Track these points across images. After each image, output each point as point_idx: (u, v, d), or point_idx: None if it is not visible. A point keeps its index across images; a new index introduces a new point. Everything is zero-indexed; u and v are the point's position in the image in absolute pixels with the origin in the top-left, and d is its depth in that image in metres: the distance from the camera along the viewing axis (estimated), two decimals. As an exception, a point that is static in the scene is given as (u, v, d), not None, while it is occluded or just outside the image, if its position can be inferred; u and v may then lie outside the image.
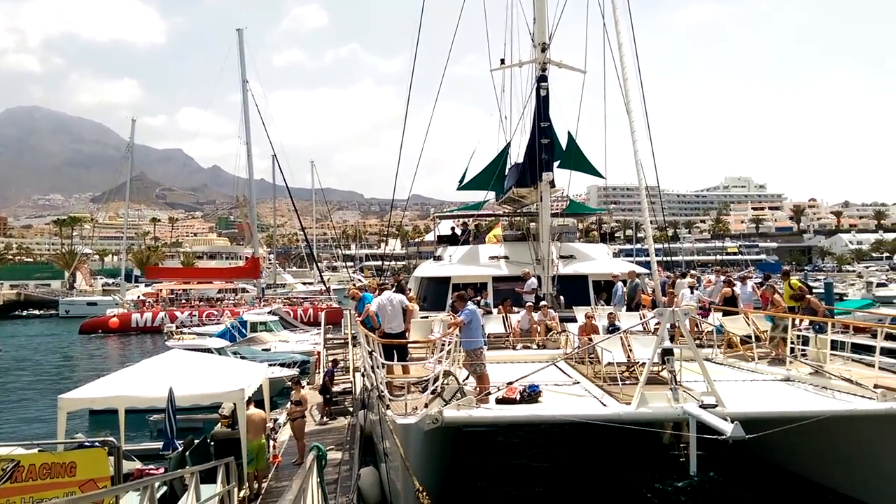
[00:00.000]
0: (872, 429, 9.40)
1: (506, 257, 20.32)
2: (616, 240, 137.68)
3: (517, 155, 22.16)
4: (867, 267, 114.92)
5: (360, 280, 53.59)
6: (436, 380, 9.02)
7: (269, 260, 73.25)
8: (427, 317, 16.19)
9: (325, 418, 16.42)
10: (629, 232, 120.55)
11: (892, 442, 9.30)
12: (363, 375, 14.13)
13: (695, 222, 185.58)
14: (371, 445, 13.45)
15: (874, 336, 11.16)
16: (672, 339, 10.86)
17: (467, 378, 10.36)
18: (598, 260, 20.84)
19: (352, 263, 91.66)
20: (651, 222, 22.75)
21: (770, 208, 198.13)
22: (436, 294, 19.16)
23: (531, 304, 16.68)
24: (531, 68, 20.85)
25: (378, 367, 9.38)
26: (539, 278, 18.78)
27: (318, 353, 23.02)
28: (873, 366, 10.51)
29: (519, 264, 19.49)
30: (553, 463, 14.46)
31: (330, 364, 18.76)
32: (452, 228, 24.73)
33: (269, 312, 40.64)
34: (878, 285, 62.07)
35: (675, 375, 8.73)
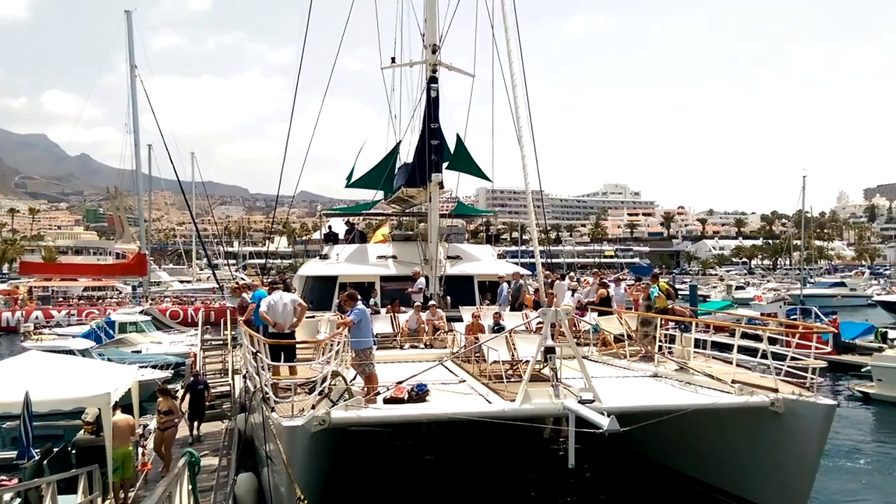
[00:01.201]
0: (730, 420, 10.20)
1: (394, 257, 20.31)
2: (502, 241, 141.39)
3: (407, 155, 22.22)
4: (728, 271, 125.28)
5: (242, 278, 51.65)
6: (323, 380, 8.85)
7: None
8: (313, 316, 15.87)
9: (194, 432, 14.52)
10: (515, 234, 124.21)
11: (747, 432, 10.15)
12: (244, 377, 13.61)
13: (576, 226, 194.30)
14: (251, 450, 12.98)
15: (732, 335, 12.17)
16: (553, 338, 11.30)
17: (354, 378, 10.25)
18: (483, 261, 21.32)
19: (234, 261, 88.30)
20: (536, 225, 23.57)
21: (644, 214, 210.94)
22: (322, 293, 18.79)
23: (419, 303, 16.79)
24: (422, 69, 20.99)
25: (264, 369, 9.07)
26: (427, 278, 18.93)
27: (194, 354, 21.95)
28: (732, 362, 11.43)
29: (407, 264, 19.53)
30: (440, 461, 14.62)
31: (195, 376, 15.66)
32: (352, 225, 24.41)
33: (141, 312, 38.18)
34: (737, 288, 67.78)
35: (556, 373, 9.06)
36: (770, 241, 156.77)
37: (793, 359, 10.34)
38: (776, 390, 9.83)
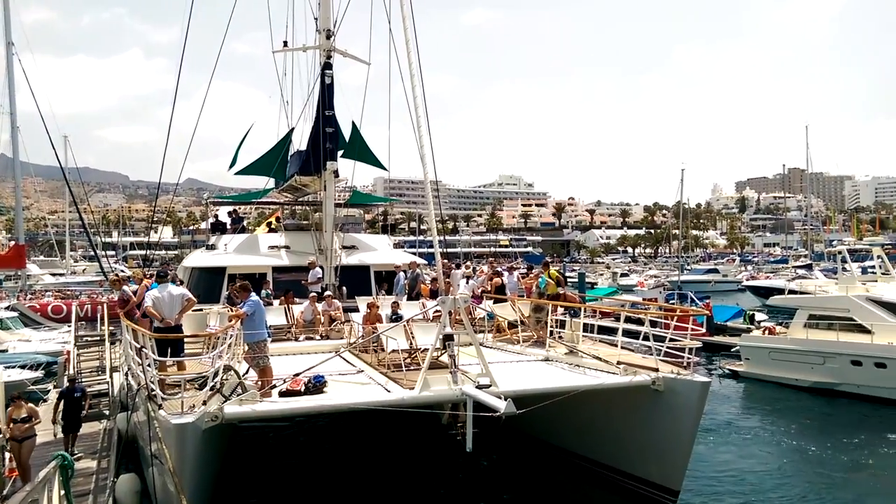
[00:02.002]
0: (615, 400, 10.77)
1: (287, 247, 19.83)
2: (400, 231, 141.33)
3: (300, 142, 21.68)
4: (614, 259, 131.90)
5: (122, 270, 48.59)
6: (215, 375, 8.51)
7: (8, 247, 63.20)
8: (200, 309, 15.21)
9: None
10: (413, 224, 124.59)
11: (631, 410, 10.75)
12: (126, 374, 12.85)
13: (473, 216, 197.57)
14: (132, 451, 12.33)
15: (618, 319, 12.84)
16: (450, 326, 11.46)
17: (247, 372, 9.95)
18: (380, 251, 21.23)
19: (113, 252, 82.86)
20: (434, 215, 23.71)
21: (537, 205, 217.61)
22: (209, 286, 17.98)
23: (315, 294, 16.51)
24: (315, 54, 20.52)
25: (150, 365, 8.59)
26: (322, 268, 18.63)
27: (68, 352, 20.46)
28: (617, 345, 12.07)
29: (301, 254, 19.12)
30: (338, 454, 14.49)
31: (71, 381, 13.50)
32: (238, 215, 23.42)
33: (7, 308, 35.03)
34: (622, 275, 71.53)
35: (454, 359, 9.21)
36: (652, 231, 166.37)
37: (671, 340, 11.05)
38: (657, 370, 10.46)
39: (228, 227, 22.09)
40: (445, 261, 21.71)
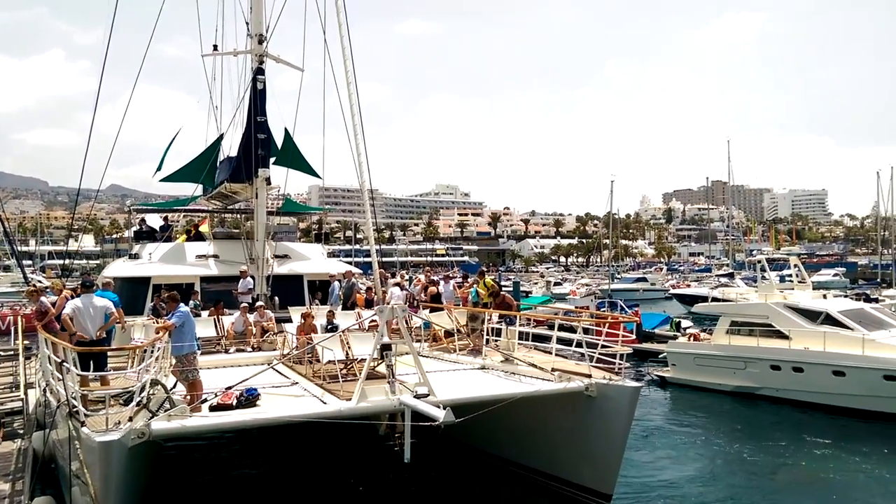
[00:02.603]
0: (550, 406, 10.95)
1: (216, 256, 19.31)
2: (335, 240, 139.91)
3: (230, 148, 21.20)
4: (548, 268, 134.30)
5: (40, 281, 46.07)
6: (141, 390, 8.17)
7: None
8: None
9: None
10: (349, 233, 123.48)
11: (565, 416, 10.95)
12: (44, 390, 12.18)
13: (409, 225, 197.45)
14: (49, 472, 11.68)
15: (551, 328, 13.09)
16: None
17: (175, 386, 9.60)
18: (313, 260, 20.94)
19: (30, 262, 78.55)
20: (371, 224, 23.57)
21: (473, 214, 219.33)
22: (132, 296, 17.23)
23: (246, 304, 16.14)
24: (247, 59, 20.16)
25: (70, 380, 8.16)
26: (253, 278, 18.23)
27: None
28: (551, 352, 12.28)
29: (230, 264, 18.65)
30: (273, 470, 14.11)
31: None
32: (168, 223, 22.59)
33: None
34: (555, 284, 72.82)
35: (392, 369, 9.16)
36: (584, 241, 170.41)
37: (603, 347, 11.35)
38: (590, 376, 10.71)
39: (158, 235, 21.32)
40: (382, 270, 21.63)
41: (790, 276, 25.48)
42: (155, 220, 23.76)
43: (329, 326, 14.54)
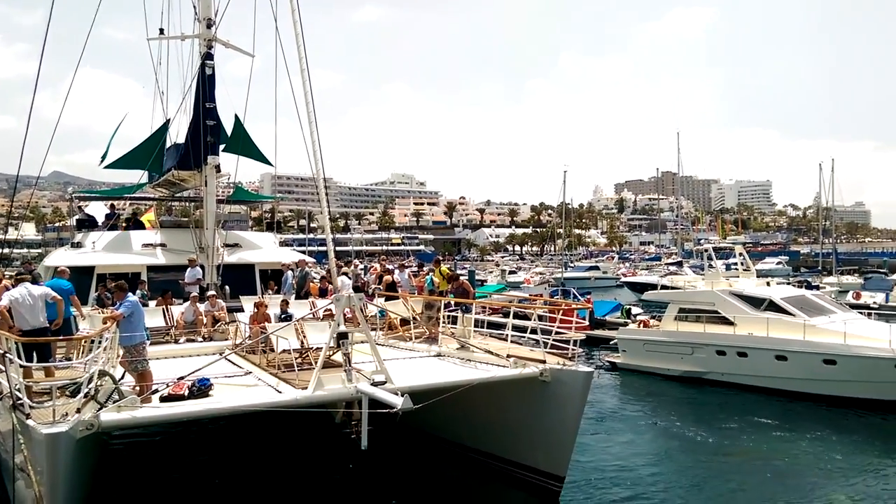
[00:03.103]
0: (506, 392, 11.11)
1: (163, 245, 18.89)
2: (289, 229, 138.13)
3: (177, 134, 20.70)
4: (503, 257, 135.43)
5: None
6: (89, 381, 7.95)
7: None
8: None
9: None
10: (303, 221, 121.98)
11: (520, 402, 11.14)
12: None
13: (364, 214, 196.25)
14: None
15: (505, 315, 13.24)
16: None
17: (123, 377, 9.39)
18: (265, 248, 20.69)
19: (-34, 251, 75.10)
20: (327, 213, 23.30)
21: (429, 204, 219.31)
22: (76, 286, 16.75)
23: (196, 294, 15.87)
24: (194, 44, 19.65)
25: (14, 371, 7.87)
26: (203, 267, 17.91)
27: None
28: (506, 339, 12.44)
29: (178, 253, 18.26)
30: (226, 460, 13.92)
31: None
32: (115, 210, 21.91)
33: None
34: (510, 273, 73.61)
35: (349, 357, 9.15)
36: (538, 230, 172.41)
37: (557, 333, 11.56)
38: (544, 361, 10.90)
39: (101, 223, 20.68)
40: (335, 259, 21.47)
41: (736, 264, 26.26)
42: (100, 209, 23.07)
43: (283, 316, 14.41)
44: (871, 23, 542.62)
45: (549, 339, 11.35)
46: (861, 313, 22.37)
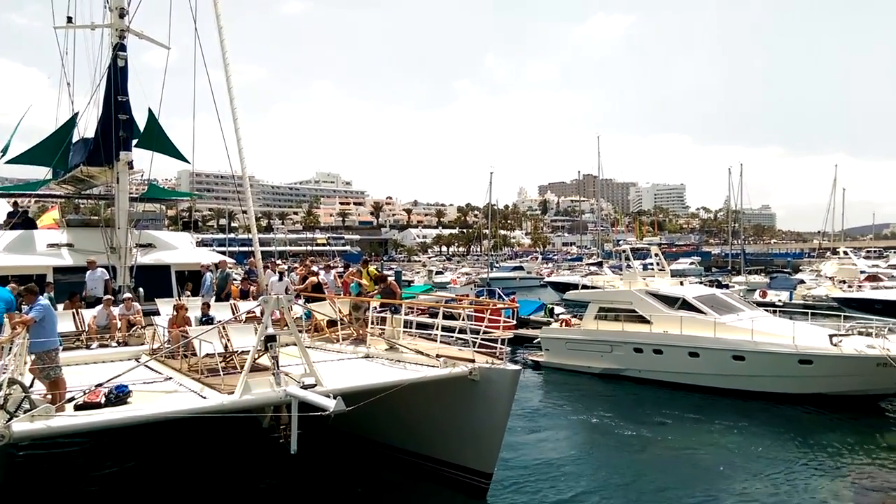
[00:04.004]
0: (436, 392, 11.19)
1: (70, 245, 18.00)
2: (208, 228, 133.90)
3: (86, 129, 19.75)
4: (430, 258, 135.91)
5: None
6: (-3, 389, 7.49)
7: None
8: None
9: None
10: (223, 221, 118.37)
11: (450, 401, 11.25)
12: None
13: (288, 213, 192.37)
14: None
15: (433, 315, 13.36)
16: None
17: (32, 384, 8.90)
18: (181, 249, 20.03)
19: None
20: (246, 212, 22.74)
21: (355, 204, 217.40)
22: None
23: (110, 297, 15.21)
24: (102, 33, 18.80)
25: None
26: (114, 268, 17.19)
27: None
28: (435, 339, 12.55)
29: (87, 253, 17.43)
30: (146, 471, 13.34)
31: None
32: (18, 208, 20.61)
33: None
34: (437, 273, 74.03)
35: (277, 360, 9.00)
36: (465, 231, 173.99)
37: (485, 333, 11.76)
38: (473, 360, 11.08)
39: (3, 222, 19.48)
40: (252, 259, 21.02)
41: (652, 264, 27.34)
42: (2, 207, 21.72)
43: (204, 319, 14.00)
44: (779, 36, 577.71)
45: (477, 338, 11.54)
46: (767, 311, 23.82)
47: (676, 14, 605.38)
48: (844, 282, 45.04)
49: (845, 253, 59.05)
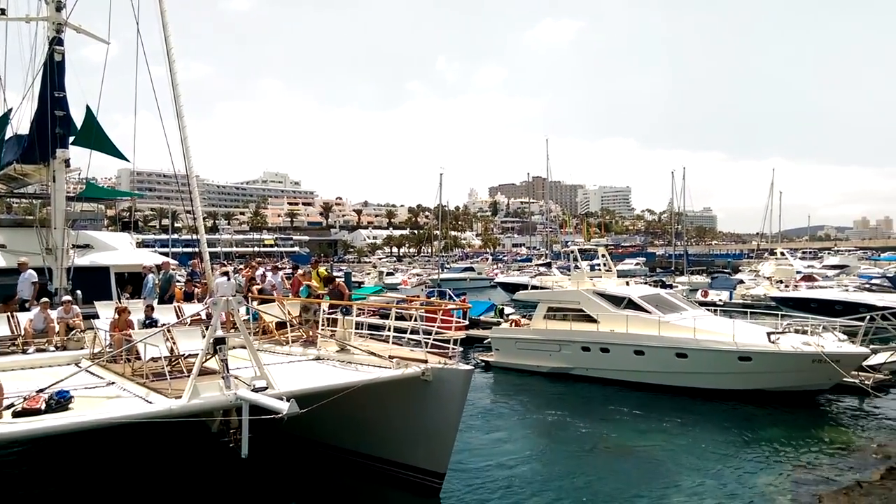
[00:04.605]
0: (388, 393, 11.17)
1: (2, 246, 17.30)
2: (151, 229, 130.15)
3: (19, 125, 19.01)
4: (380, 258, 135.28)
5: None
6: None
7: None
8: None
9: None
10: (166, 221, 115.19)
11: (403, 402, 11.24)
12: None
13: (234, 214, 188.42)
14: None
15: (383, 317, 13.32)
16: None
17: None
18: (121, 250, 19.43)
19: None
20: (188, 212, 22.13)
21: (304, 204, 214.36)
22: None
23: (47, 300, 14.64)
24: (36, 26, 18.11)
25: None
26: (50, 270, 16.56)
27: None
28: (387, 340, 12.52)
29: (21, 254, 16.73)
30: (90, 479, 12.85)
31: None
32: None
33: None
34: (388, 274, 73.76)
35: (226, 363, 8.81)
36: (415, 231, 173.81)
37: (437, 333, 11.81)
38: (426, 361, 11.10)
39: None
40: (195, 261, 20.57)
41: (599, 265, 27.90)
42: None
43: (147, 322, 13.62)
44: (721, 44, 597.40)
45: (430, 339, 11.57)
46: (708, 310, 24.61)
47: (623, 21, 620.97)
48: (781, 282, 46.86)
49: (782, 254, 61.36)
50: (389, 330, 12.47)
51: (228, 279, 16.98)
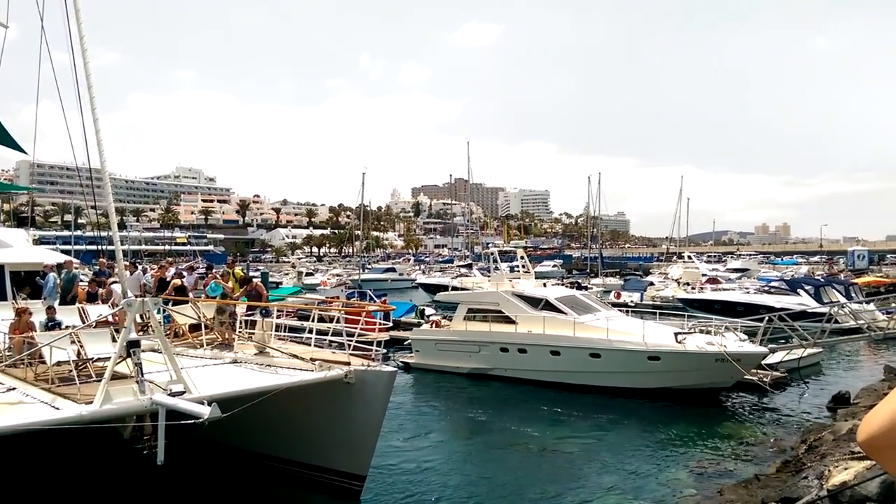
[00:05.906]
0: (310, 396, 11.06)
1: None
2: (52, 225, 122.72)
3: None
4: (299, 258, 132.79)
5: None
6: None
7: None
8: None
9: None
10: (68, 217, 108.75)
11: (325, 405, 11.16)
12: None
13: (144, 210, 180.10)
14: None
15: (301, 318, 13.17)
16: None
17: None
18: (16, 247, 18.33)
19: None
20: (97, 207, 21.08)
21: (219, 201, 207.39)
22: None
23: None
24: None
25: None
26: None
27: None
28: (307, 342, 12.39)
29: None
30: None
31: None
32: None
33: None
34: (307, 274, 72.64)
35: (140, 367, 8.50)
36: (336, 231, 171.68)
37: (360, 335, 11.78)
38: (349, 363, 11.07)
39: None
40: (103, 260, 19.63)
41: (518, 266, 28.48)
42: None
43: (50, 324, 12.93)
44: (637, 54, 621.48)
45: (352, 341, 11.54)
46: (621, 311, 25.60)
47: (544, 26, 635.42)
48: (688, 284, 49.25)
49: (689, 257, 64.47)
50: (311, 332, 12.34)
51: (131, 274, 16.30)
